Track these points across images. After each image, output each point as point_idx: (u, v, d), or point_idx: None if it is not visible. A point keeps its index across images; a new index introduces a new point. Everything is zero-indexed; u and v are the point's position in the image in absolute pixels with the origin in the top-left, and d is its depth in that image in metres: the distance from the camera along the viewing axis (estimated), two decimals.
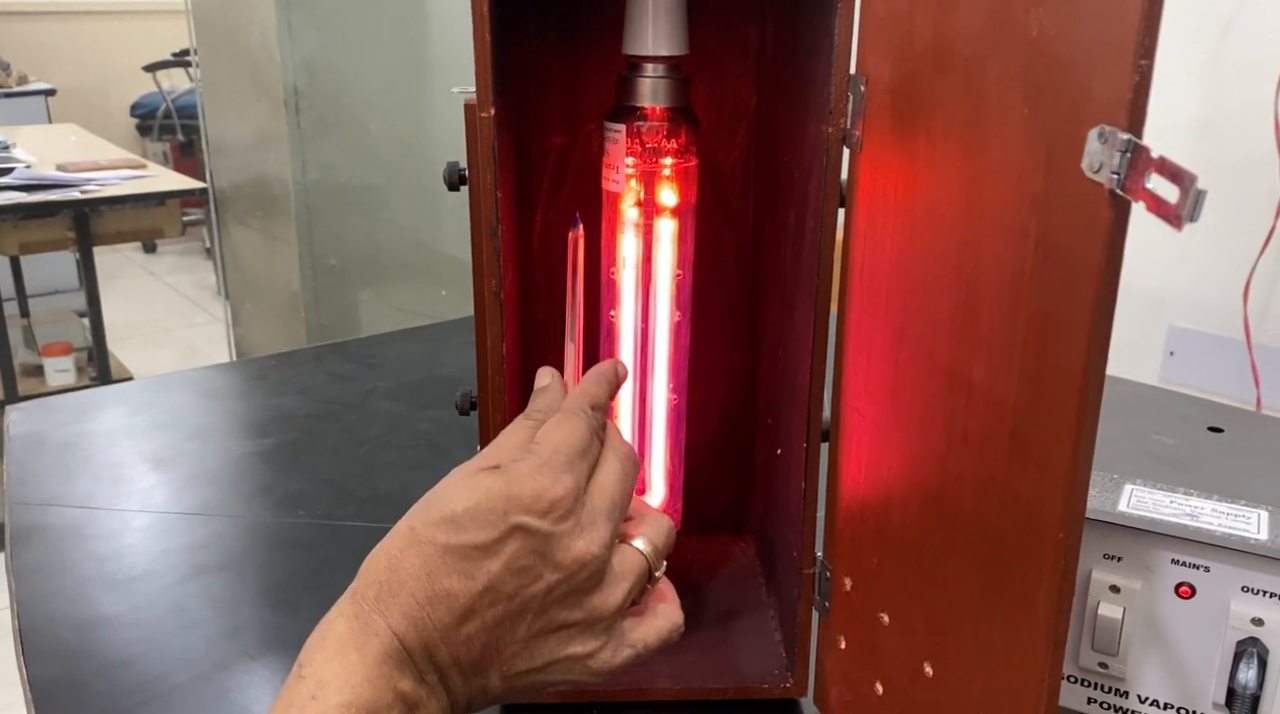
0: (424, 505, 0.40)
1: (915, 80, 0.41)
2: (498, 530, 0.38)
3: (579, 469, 0.40)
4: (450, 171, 0.51)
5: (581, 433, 0.41)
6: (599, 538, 0.39)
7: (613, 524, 0.41)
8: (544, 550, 0.38)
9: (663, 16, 0.50)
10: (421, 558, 0.38)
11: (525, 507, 0.38)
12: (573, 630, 0.40)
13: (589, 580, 0.40)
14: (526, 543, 0.38)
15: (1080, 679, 0.51)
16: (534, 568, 0.38)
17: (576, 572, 0.39)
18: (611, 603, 0.40)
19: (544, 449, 0.40)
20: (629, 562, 0.41)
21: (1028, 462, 0.37)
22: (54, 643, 0.60)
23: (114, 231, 2.22)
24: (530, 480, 0.39)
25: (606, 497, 0.41)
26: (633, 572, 0.41)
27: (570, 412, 0.42)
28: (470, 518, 0.38)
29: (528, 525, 0.38)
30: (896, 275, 0.44)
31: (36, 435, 0.87)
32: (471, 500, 0.38)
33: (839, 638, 0.51)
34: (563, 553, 0.39)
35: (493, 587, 0.38)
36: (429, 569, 0.38)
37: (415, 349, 1.10)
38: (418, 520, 0.39)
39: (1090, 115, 0.32)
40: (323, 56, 2.03)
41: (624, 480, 0.42)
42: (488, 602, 0.38)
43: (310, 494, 0.78)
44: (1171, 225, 0.29)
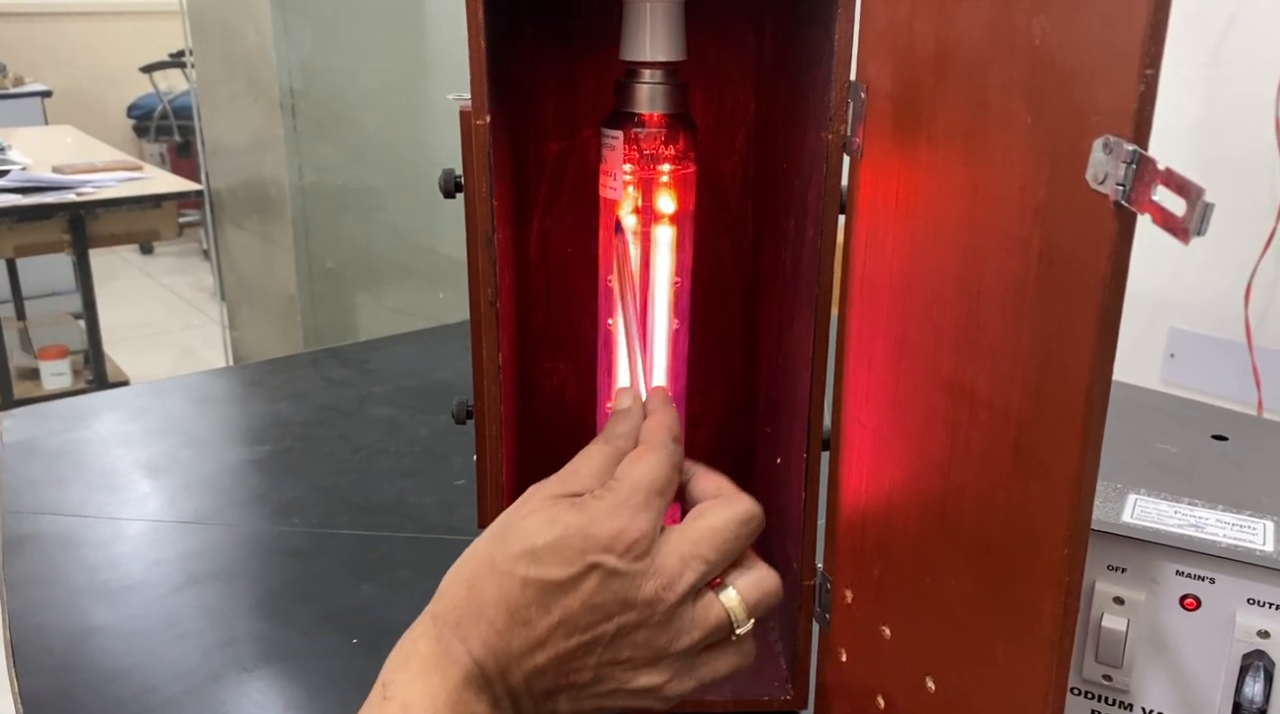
0: (503, 534, 0.41)
1: (916, 87, 0.41)
2: (575, 567, 0.39)
3: (657, 506, 0.41)
4: (446, 179, 0.51)
5: (663, 470, 0.42)
6: (673, 584, 0.40)
7: (696, 575, 0.40)
8: (619, 589, 0.39)
9: (660, 22, 0.50)
10: (501, 588, 0.39)
11: (603, 546, 0.39)
12: (639, 664, 0.40)
13: (661, 619, 0.40)
14: (603, 581, 0.39)
15: (1084, 691, 0.50)
16: (608, 605, 0.39)
17: (648, 611, 0.40)
18: (680, 645, 0.41)
19: (624, 486, 0.41)
20: (710, 612, 0.41)
21: (1031, 475, 0.36)
22: (46, 655, 0.59)
23: (110, 234, 2.21)
24: (609, 520, 0.39)
25: (701, 544, 0.41)
26: (709, 623, 0.41)
27: (652, 446, 0.43)
28: (550, 553, 0.39)
29: (604, 564, 0.39)
30: (897, 284, 0.44)
31: (30, 442, 0.87)
32: (551, 536, 0.39)
33: (840, 651, 0.51)
34: (635, 592, 0.39)
35: (568, 620, 0.39)
36: (508, 600, 0.39)
37: (412, 354, 1.10)
38: (498, 550, 0.40)
39: (1095, 125, 0.31)
40: (319, 58, 2.02)
41: (731, 536, 0.41)
42: (563, 634, 0.39)
43: (305, 502, 0.77)
44: (1178, 238, 0.28)
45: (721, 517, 0.42)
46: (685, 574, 0.40)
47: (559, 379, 0.65)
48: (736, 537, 0.42)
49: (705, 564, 0.40)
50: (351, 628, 0.62)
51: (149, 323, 3.77)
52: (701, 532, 0.41)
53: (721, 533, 0.41)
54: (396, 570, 0.69)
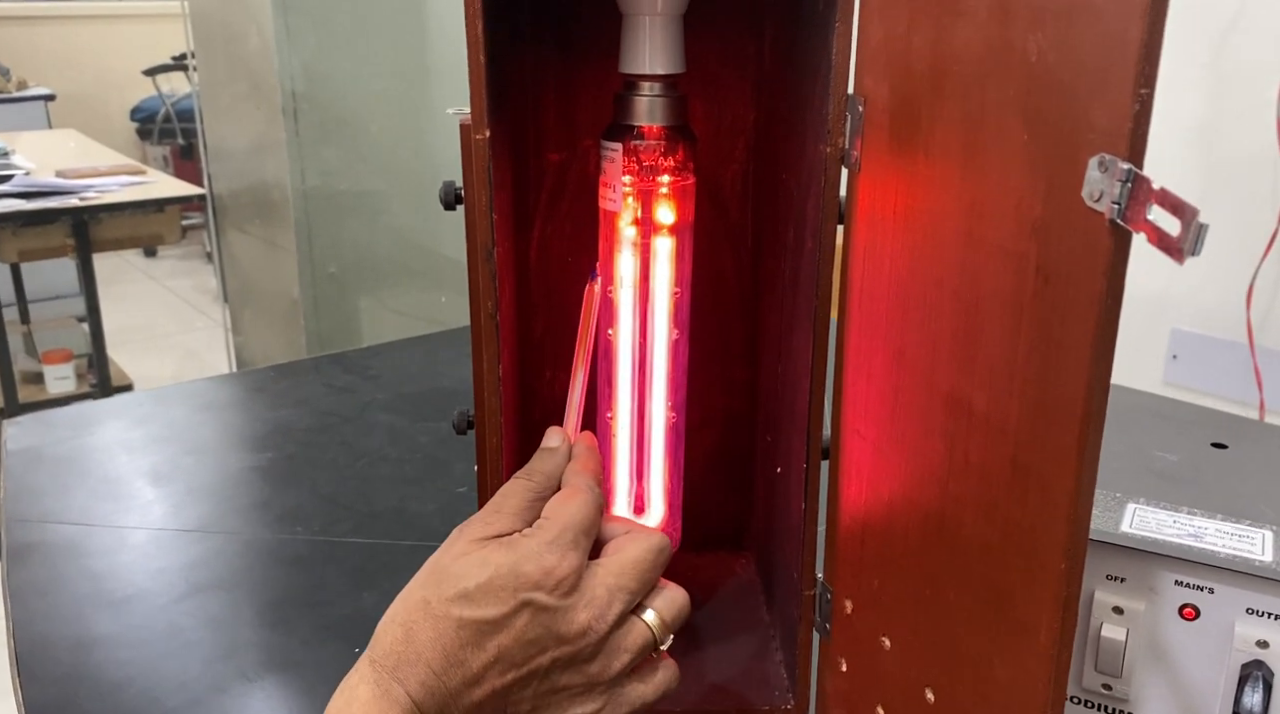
0: (435, 578, 0.42)
1: (913, 102, 0.41)
2: (508, 606, 0.41)
3: (583, 546, 0.43)
4: (446, 191, 0.51)
5: (589, 511, 0.44)
6: (604, 614, 0.42)
7: (622, 605, 0.43)
8: (550, 623, 0.41)
9: (659, 35, 0.50)
10: (436, 631, 0.41)
11: (534, 583, 0.41)
12: (575, 692, 0.43)
13: (591, 650, 0.42)
14: (535, 617, 0.41)
15: (1083, 701, 0.50)
16: (541, 639, 0.41)
17: (580, 642, 0.42)
18: (612, 671, 0.43)
19: (553, 526, 0.43)
20: (634, 635, 0.44)
21: (1029, 489, 0.36)
22: (50, 664, 0.60)
23: (113, 238, 2.22)
24: (538, 558, 0.42)
25: (625, 576, 0.43)
26: (636, 645, 0.44)
27: (577, 488, 0.45)
28: (482, 593, 0.41)
29: (536, 601, 0.41)
30: (895, 297, 0.44)
31: (34, 450, 0.87)
32: (483, 576, 0.41)
33: (840, 660, 0.51)
34: (567, 626, 0.42)
35: (503, 656, 0.41)
36: (443, 641, 0.40)
37: (414, 359, 1.10)
38: (431, 594, 0.42)
39: (1090, 143, 0.31)
40: (321, 62, 2.02)
41: (648, 565, 0.44)
42: (498, 670, 0.41)
43: (307, 509, 0.78)
44: (1172, 258, 0.28)
45: (639, 549, 0.44)
46: (614, 604, 0.43)
47: (559, 388, 0.65)
48: (653, 566, 0.45)
49: (629, 594, 0.43)
50: (354, 637, 0.62)
51: (152, 326, 3.78)
52: (624, 564, 0.44)
53: (640, 564, 0.44)
54: (398, 579, 0.69)
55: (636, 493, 0.59)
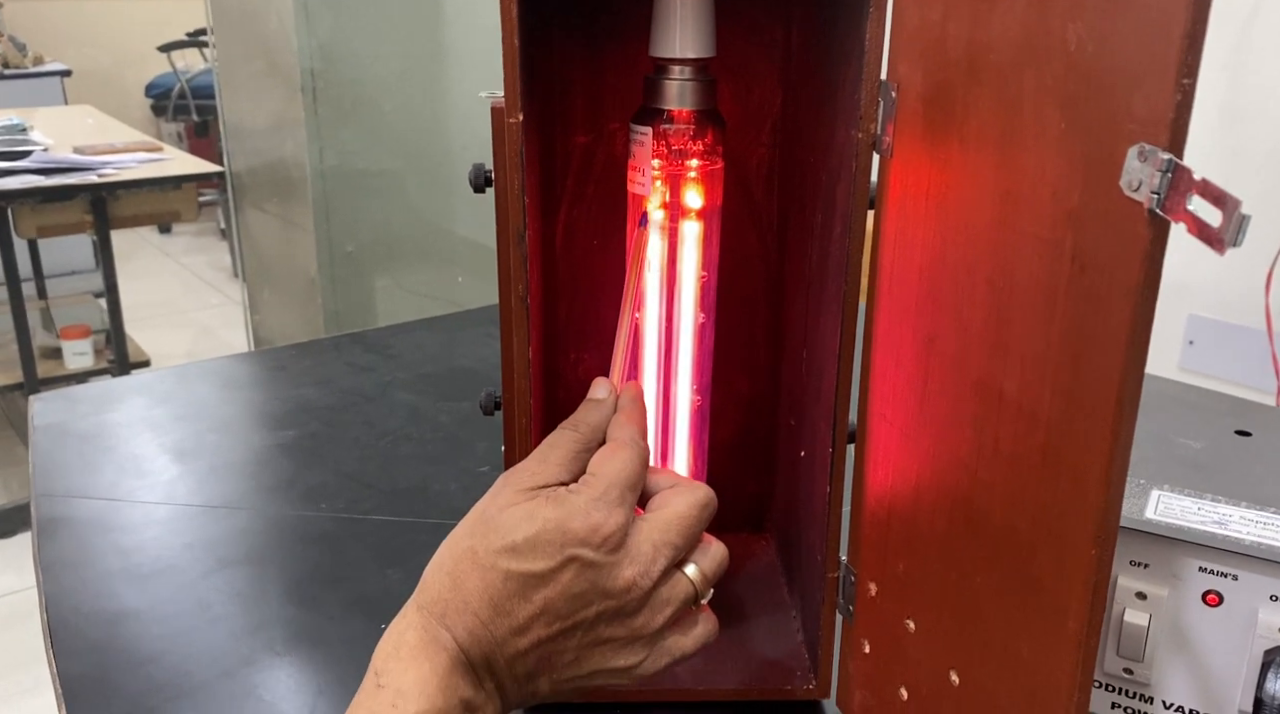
0: (483, 528, 0.43)
1: (948, 89, 0.41)
2: (555, 560, 0.41)
3: (630, 501, 0.44)
4: (476, 173, 0.51)
5: (635, 466, 0.45)
6: (649, 570, 0.43)
7: (666, 560, 0.43)
8: (596, 579, 0.42)
9: (690, 19, 0.50)
10: (484, 581, 0.42)
11: (581, 540, 0.42)
12: (618, 644, 0.44)
13: (636, 604, 0.43)
14: (581, 572, 0.42)
15: (1105, 684, 0.51)
16: (586, 594, 0.42)
17: (625, 597, 0.42)
18: (655, 624, 0.44)
19: (599, 482, 0.43)
20: (678, 588, 0.44)
21: (1060, 476, 0.36)
22: (81, 638, 0.61)
23: (131, 215, 2.23)
24: (586, 515, 0.42)
25: (671, 531, 0.44)
26: (679, 598, 0.44)
27: (623, 442, 0.46)
28: (530, 547, 0.42)
29: (582, 557, 0.42)
30: (926, 283, 0.44)
31: (60, 426, 0.88)
32: (531, 530, 0.42)
33: (863, 642, 0.51)
34: (612, 581, 0.42)
35: (548, 609, 0.42)
36: (490, 591, 0.41)
37: (433, 339, 1.11)
38: (479, 544, 0.42)
39: (1130, 133, 0.31)
40: (339, 41, 2.02)
41: (693, 520, 0.45)
42: (544, 622, 0.42)
43: (331, 487, 0.78)
44: (1213, 248, 0.29)
45: (684, 504, 0.45)
46: (658, 560, 0.43)
47: (584, 370, 0.65)
48: (698, 520, 0.45)
49: (673, 549, 0.44)
50: (380, 613, 0.63)
51: (168, 302, 3.80)
52: (669, 519, 0.44)
53: (685, 519, 0.44)
54: (422, 556, 0.69)
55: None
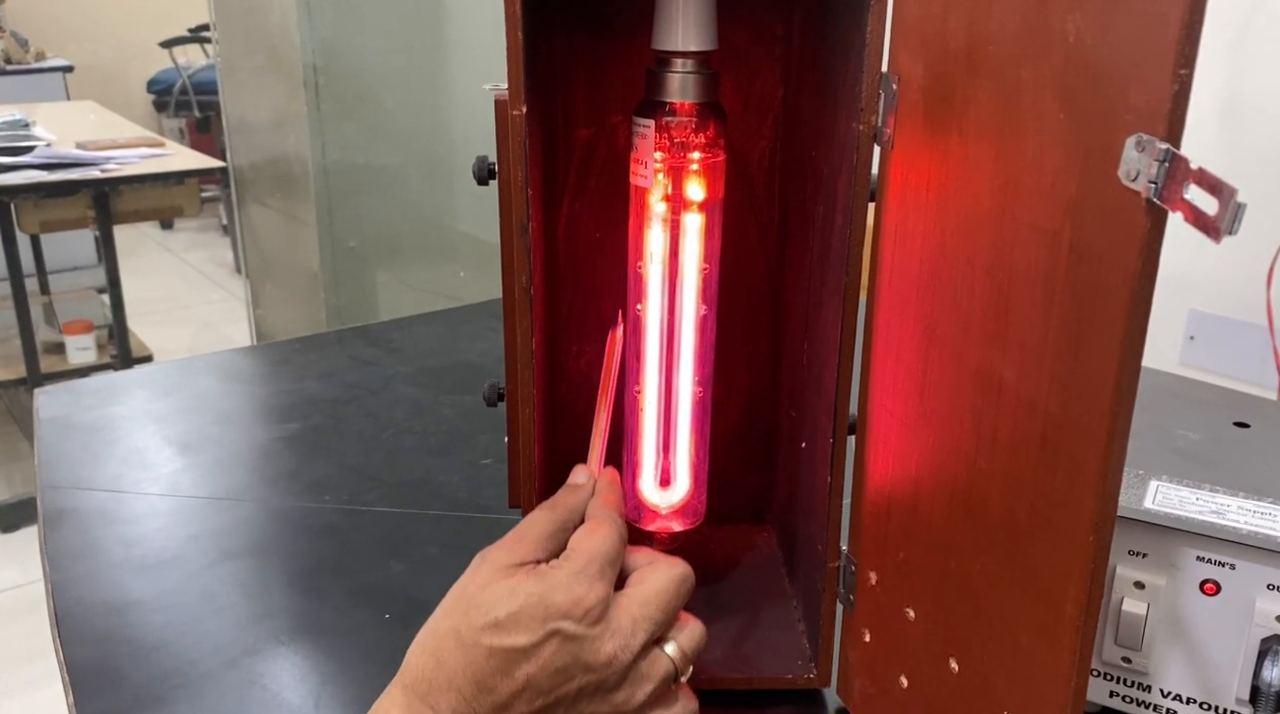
0: (463, 607, 0.44)
1: (948, 81, 0.41)
2: (537, 634, 0.42)
3: (609, 576, 0.45)
4: (480, 166, 0.52)
5: (614, 542, 0.46)
6: (629, 644, 0.44)
7: (646, 634, 0.44)
8: (578, 652, 0.43)
9: (693, 11, 0.50)
10: (467, 659, 0.42)
11: (563, 613, 0.42)
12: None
13: (617, 678, 0.44)
14: (563, 646, 0.42)
15: (1104, 673, 0.51)
16: (568, 668, 0.43)
17: (605, 671, 0.43)
18: (636, 700, 0.44)
19: (580, 556, 0.44)
20: (657, 665, 0.45)
21: (1058, 465, 0.37)
22: (88, 627, 0.61)
23: (134, 210, 2.23)
24: (567, 589, 0.43)
25: (649, 605, 0.44)
26: (659, 674, 0.45)
27: (602, 520, 0.47)
28: (512, 622, 0.42)
29: (564, 630, 0.42)
30: (926, 274, 0.44)
31: (64, 419, 0.89)
32: (514, 606, 0.42)
33: (863, 631, 0.52)
34: (594, 655, 0.43)
35: (531, 684, 0.42)
36: (474, 668, 0.42)
37: (435, 333, 1.11)
38: (460, 623, 0.43)
39: (1127, 123, 0.32)
40: (341, 36, 2.02)
41: (671, 595, 0.45)
42: (526, 698, 0.42)
43: (335, 479, 0.79)
44: (1210, 237, 0.29)
45: (663, 579, 0.46)
46: (638, 633, 0.44)
47: (586, 361, 0.66)
48: (677, 595, 0.46)
49: (653, 623, 0.44)
50: (383, 603, 0.64)
51: (170, 297, 3.80)
52: (648, 595, 0.45)
53: (664, 594, 0.45)
54: (425, 548, 0.70)
55: (663, 467, 0.59)
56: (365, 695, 0.56)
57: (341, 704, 0.55)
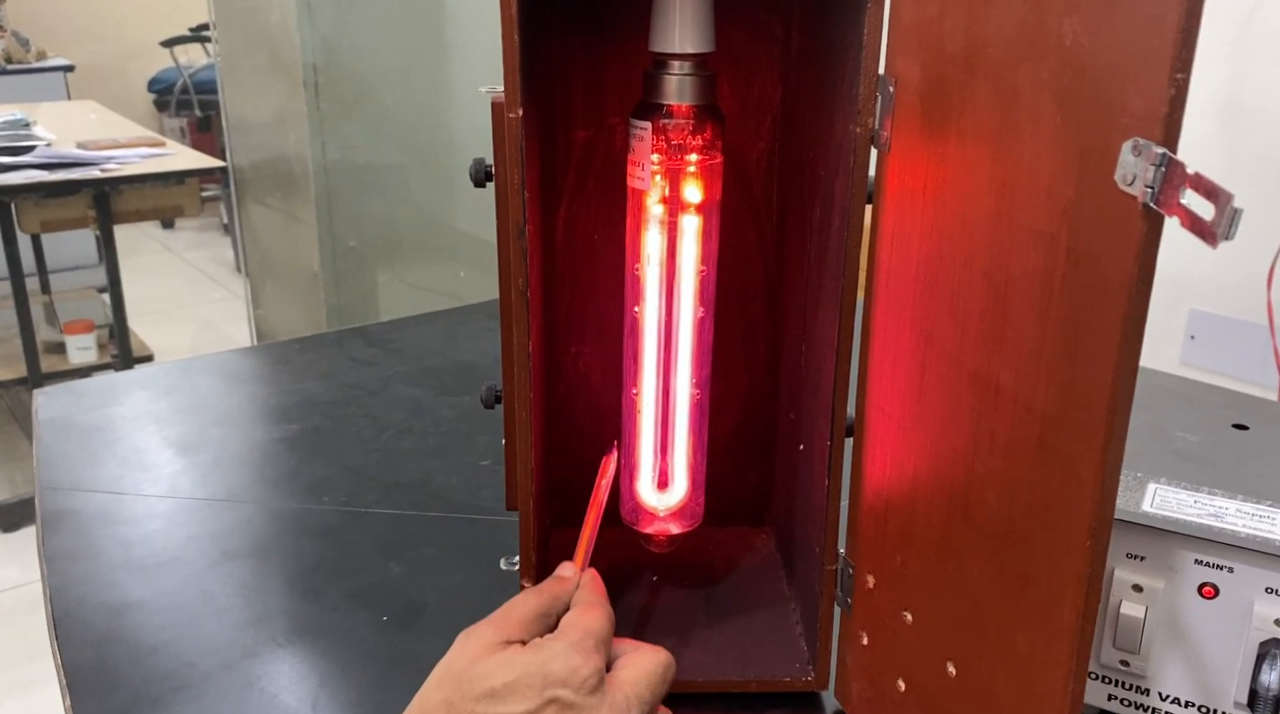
0: (455, 680, 0.44)
1: (945, 84, 0.41)
2: (535, 702, 0.42)
3: (604, 653, 0.45)
4: (476, 168, 0.52)
5: (606, 624, 0.47)
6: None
7: (641, 711, 0.45)
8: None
9: (690, 14, 0.50)
10: None
11: (561, 681, 0.43)
12: None
13: None
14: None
15: (1101, 676, 0.51)
16: None
17: None
18: None
19: (575, 630, 0.45)
20: None
21: (1055, 467, 0.37)
22: (86, 628, 0.61)
23: (134, 210, 2.23)
24: (565, 658, 0.43)
25: (640, 685, 0.45)
26: None
27: (592, 603, 0.48)
28: (509, 691, 0.42)
29: (562, 698, 0.42)
30: (923, 277, 0.44)
31: (64, 419, 0.89)
32: (510, 676, 0.43)
33: (861, 634, 0.52)
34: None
35: None
36: None
37: (434, 334, 1.11)
38: (453, 694, 0.43)
39: (1124, 127, 0.32)
40: (340, 35, 2.02)
41: (659, 678, 0.46)
42: None
43: (334, 480, 0.79)
44: (1206, 242, 0.29)
45: (651, 663, 0.46)
46: (632, 709, 0.44)
47: (584, 363, 0.66)
48: (663, 680, 0.46)
49: (644, 704, 0.45)
50: (381, 605, 0.64)
51: (170, 297, 3.80)
52: (638, 675, 0.45)
53: (653, 677, 0.46)
54: (424, 549, 0.70)
55: (660, 469, 0.59)
56: (363, 697, 0.56)
57: (339, 706, 0.55)
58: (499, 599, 0.62)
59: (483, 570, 0.67)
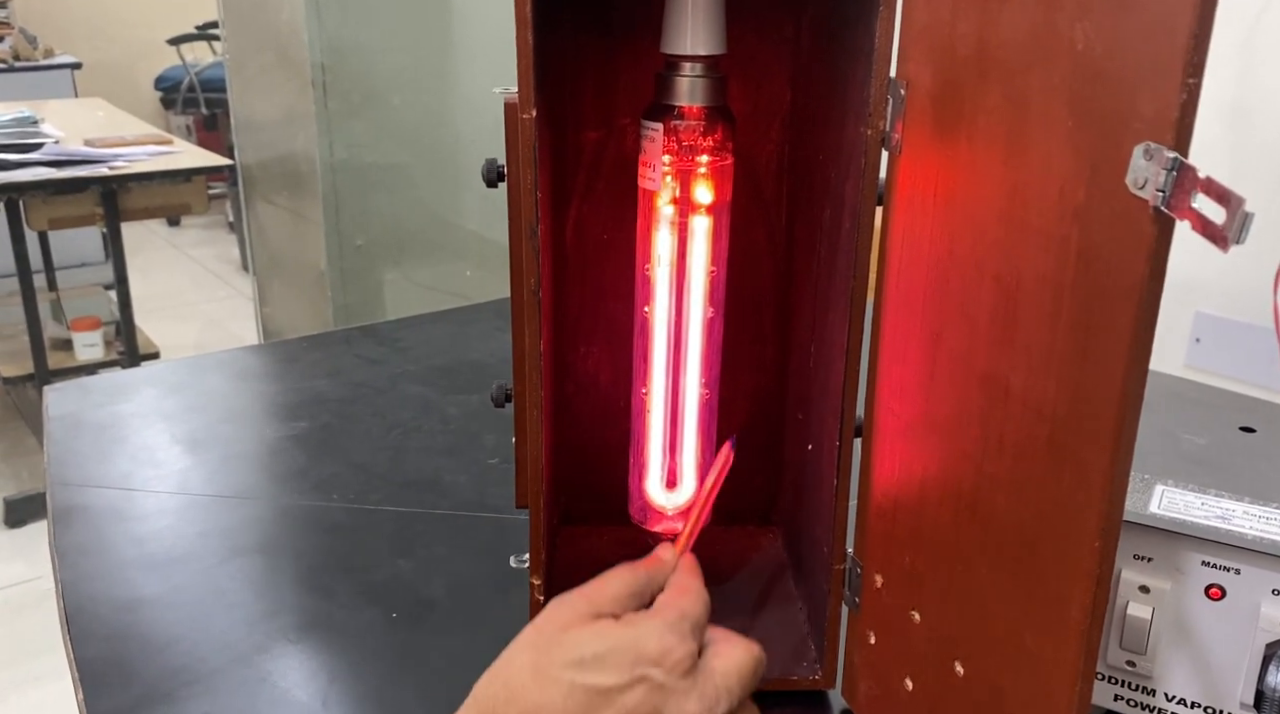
0: (544, 643, 0.43)
1: (957, 87, 0.41)
2: (625, 677, 0.41)
3: (698, 638, 0.44)
4: (489, 169, 0.52)
5: (703, 610, 0.45)
6: (714, 708, 0.42)
7: (727, 706, 0.43)
8: (662, 704, 0.41)
9: (701, 16, 0.51)
10: (544, 695, 0.41)
11: (654, 660, 0.42)
12: None
13: None
14: (650, 695, 0.41)
15: (1108, 677, 0.51)
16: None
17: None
18: None
19: (672, 611, 0.44)
20: None
21: (1064, 469, 0.37)
22: (98, 623, 0.61)
23: (142, 207, 2.23)
24: (659, 638, 0.42)
25: (731, 677, 0.44)
26: None
27: (690, 586, 0.47)
28: (598, 662, 0.41)
29: (653, 678, 0.41)
30: (933, 279, 0.44)
31: (74, 416, 0.89)
32: (602, 647, 0.42)
33: (869, 633, 0.52)
34: (677, 710, 0.42)
35: None
36: (551, 706, 0.41)
37: (442, 332, 1.11)
38: (542, 658, 0.42)
39: (1136, 131, 0.32)
40: (349, 35, 2.03)
41: (751, 674, 0.45)
42: None
43: (343, 478, 0.79)
44: (1217, 246, 0.29)
45: (745, 657, 0.45)
46: (721, 702, 0.43)
47: (593, 363, 0.66)
48: (754, 676, 0.45)
49: (733, 698, 0.44)
50: (391, 601, 0.64)
51: (176, 294, 3.81)
52: (730, 668, 0.44)
53: (743, 671, 0.44)
54: (433, 547, 0.71)
55: (669, 468, 0.60)
56: (373, 693, 0.56)
57: (349, 701, 0.56)
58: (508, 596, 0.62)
59: (492, 568, 0.67)
